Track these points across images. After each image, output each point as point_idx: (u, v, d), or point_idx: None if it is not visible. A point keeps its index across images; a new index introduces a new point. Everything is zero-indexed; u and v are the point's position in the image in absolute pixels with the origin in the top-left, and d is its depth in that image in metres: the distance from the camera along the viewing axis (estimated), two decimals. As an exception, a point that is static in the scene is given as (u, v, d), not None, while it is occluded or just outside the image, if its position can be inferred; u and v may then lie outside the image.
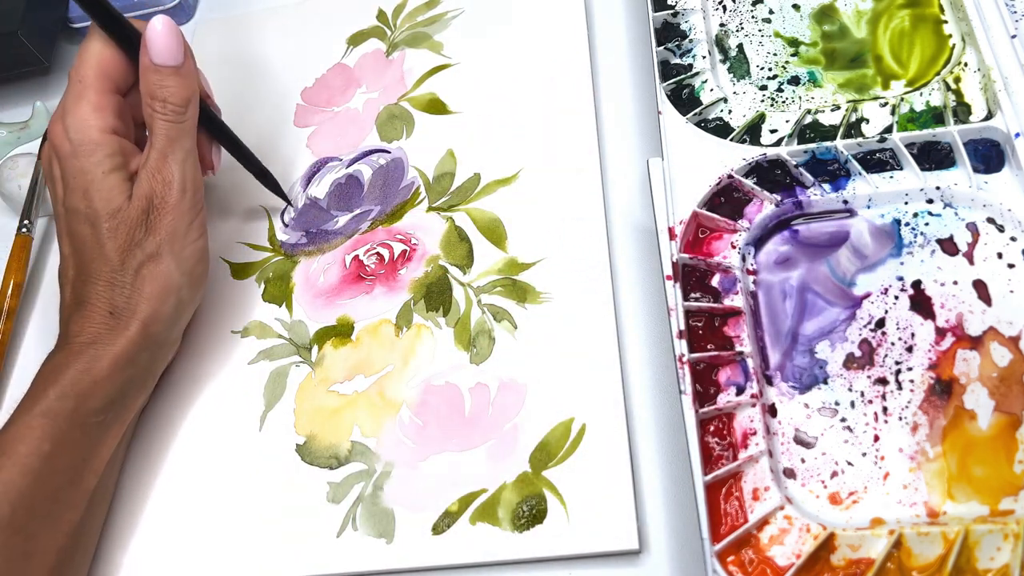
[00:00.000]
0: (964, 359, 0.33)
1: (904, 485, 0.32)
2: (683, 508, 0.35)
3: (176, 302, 0.39)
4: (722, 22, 0.44)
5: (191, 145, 0.39)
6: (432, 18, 0.52)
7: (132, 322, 0.38)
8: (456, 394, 0.39)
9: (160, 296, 0.38)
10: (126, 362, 0.38)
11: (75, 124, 0.38)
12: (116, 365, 0.37)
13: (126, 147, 0.39)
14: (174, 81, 0.38)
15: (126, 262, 0.38)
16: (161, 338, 0.39)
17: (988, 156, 0.36)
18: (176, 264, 0.39)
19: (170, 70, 0.38)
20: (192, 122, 0.39)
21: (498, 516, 0.36)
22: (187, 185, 0.39)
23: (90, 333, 0.37)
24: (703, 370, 0.35)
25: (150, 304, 0.38)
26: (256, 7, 0.56)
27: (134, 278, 0.38)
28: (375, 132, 0.48)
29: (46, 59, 0.54)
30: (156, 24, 0.38)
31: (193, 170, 0.39)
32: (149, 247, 0.38)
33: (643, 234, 0.42)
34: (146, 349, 0.38)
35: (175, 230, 0.39)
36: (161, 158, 0.38)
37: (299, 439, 0.40)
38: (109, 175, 0.38)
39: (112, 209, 0.38)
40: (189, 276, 0.40)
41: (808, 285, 0.36)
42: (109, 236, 0.38)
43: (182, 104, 0.39)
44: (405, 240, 0.44)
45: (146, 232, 0.38)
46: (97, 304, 0.38)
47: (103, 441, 0.38)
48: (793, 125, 0.39)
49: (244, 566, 0.38)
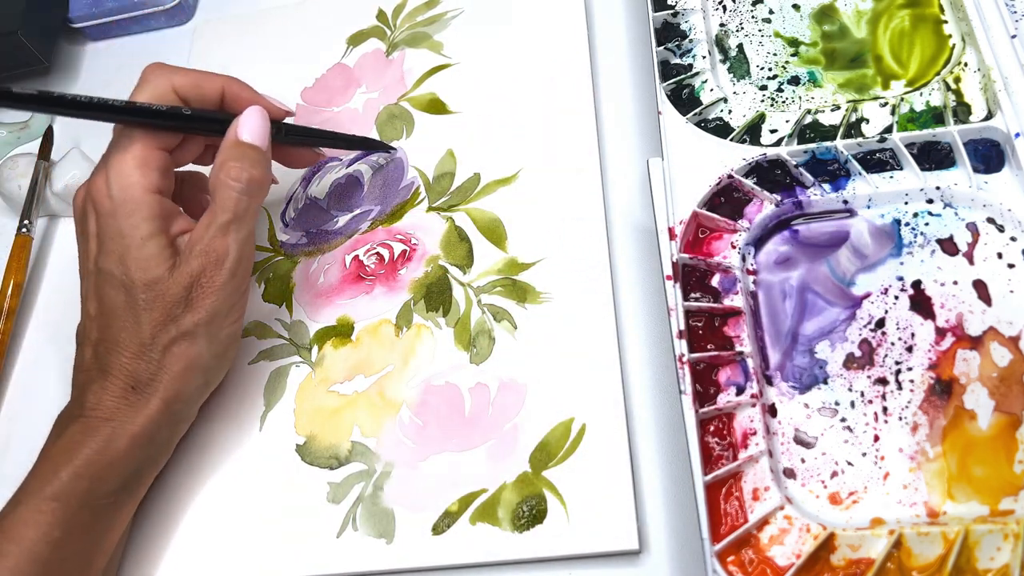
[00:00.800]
0: (964, 359, 0.33)
1: (904, 485, 0.32)
2: (683, 508, 0.35)
3: (202, 383, 0.38)
4: (722, 22, 0.44)
5: (252, 227, 0.38)
6: (432, 18, 0.52)
7: (153, 399, 0.36)
8: (456, 394, 0.39)
9: (187, 376, 0.37)
10: (146, 441, 0.36)
11: (118, 180, 0.36)
12: (134, 444, 0.35)
13: (168, 208, 0.37)
14: (257, 156, 0.37)
15: (157, 336, 0.36)
16: (182, 415, 0.38)
17: (988, 156, 0.36)
18: (209, 346, 0.37)
19: (255, 148, 0.37)
20: (258, 205, 0.38)
21: (498, 516, 0.36)
22: (239, 267, 0.37)
23: (108, 408, 0.35)
24: (703, 370, 0.35)
25: (175, 383, 0.36)
26: (256, 7, 0.56)
27: (163, 355, 0.36)
28: (375, 132, 0.48)
29: (46, 59, 0.54)
30: (252, 110, 0.38)
31: (248, 253, 0.38)
32: (185, 325, 0.36)
33: (643, 234, 0.42)
34: (166, 427, 0.37)
35: (216, 311, 0.36)
36: (220, 233, 0.36)
37: (299, 439, 0.40)
38: (148, 241, 0.36)
39: (149, 279, 0.36)
40: (220, 359, 0.38)
41: (808, 285, 0.36)
42: (144, 308, 0.36)
43: (259, 182, 0.37)
44: (405, 240, 0.44)
45: (185, 309, 0.36)
46: (119, 376, 0.36)
47: (115, 522, 0.36)
48: (793, 125, 0.39)
49: (244, 566, 0.38)
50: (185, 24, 0.58)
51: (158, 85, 0.38)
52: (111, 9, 0.56)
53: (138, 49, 0.58)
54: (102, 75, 0.57)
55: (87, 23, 0.57)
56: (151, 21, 0.57)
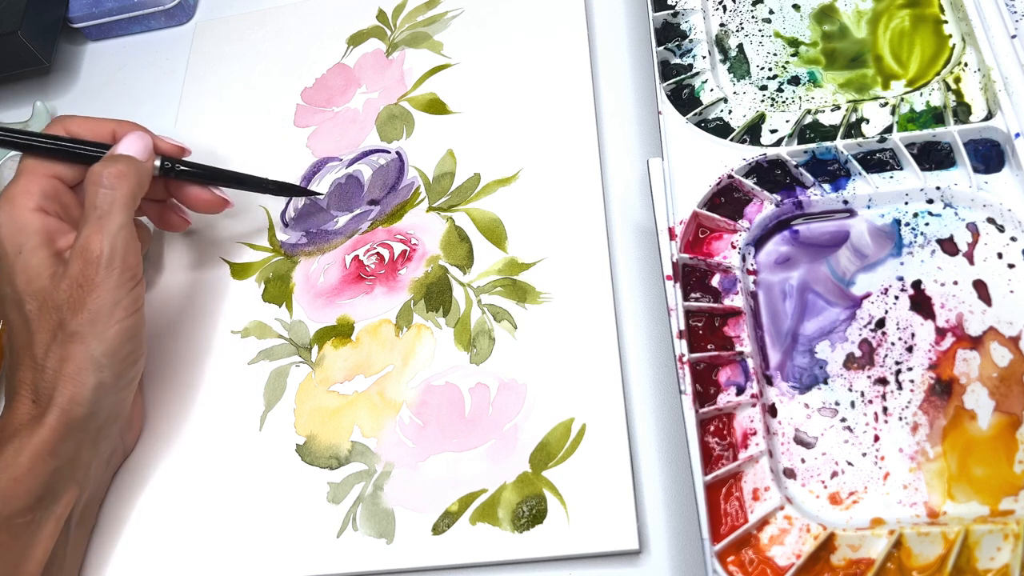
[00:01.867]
0: (964, 359, 0.33)
1: (904, 485, 0.32)
2: (683, 508, 0.35)
3: (96, 384, 0.36)
4: (722, 22, 0.44)
5: (124, 219, 0.38)
6: (432, 18, 0.52)
7: (51, 408, 0.35)
8: (456, 394, 0.39)
9: (79, 377, 0.36)
10: (47, 453, 0.35)
11: (3, 208, 0.37)
12: (37, 458, 0.35)
13: (52, 226, 0.38)
14: (126, 159, 0.39)
15: (49, 345, 0.36)
16: (84, 424, 0.36)
17: (988, 156, 0.36)
18: (99, 343, 0.36)
19: (127, 155, 0.39)
20: (126, 201, 0.38)
21: (498, 516, 0.36)
22: (116, 260, 0.37)
23: (12, 427, 0.35)
24: (703, 370, 0.35)
25: (68, 386, 0.35)
26: (256, 7, 0.56)
27: (54, 360, 0.36)
28: (375, 132, 0.48)
29: (46, 59, 0.54)
30: (132, 134, 0.40)
31: (124, 245, 0.37)
32: (71, 326, 0.36)
33: (643, 234, 0.42)
34: (69, 438, 0.36)
35: (99, 308, 0.36)
36: (93, 231, 0.37)
37: (299, 439, 0.40)
38: (30, 254, 0.37)
39: (34, 290, 0.36)
40: (112, 357, 0.37)
41: (808, 285, 0.36)
42: (34, 318, 0.36)
43: (121, 175, 0.38)
44: (405, 240, 0.44)
45: (69, 311, 0.36)
46: (22, 391, 0.36)
47: (35, 542, 0.35)
48: (793, 125, 0.39)
49: (244, 566, 0.38)
50: (185, 24, 0.58)
51: (52, 130, 0.40)
52: (111, 9, 0.56)
53: (138, 49, 0.58)
54: (102, 75, 0.57)
55: (87, 23, 0.57)
56: (151, 21, 0.58)
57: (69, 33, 0.59)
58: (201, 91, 0.53)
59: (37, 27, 0.53)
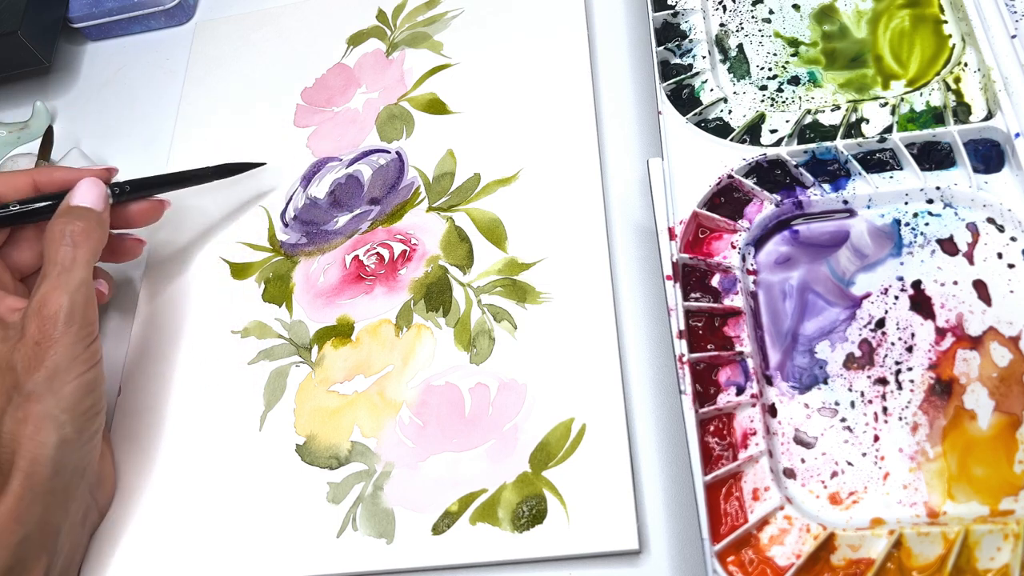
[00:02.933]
0: (964, 359, 0.33)
1: (904, 485, 0.32)
2: (683, 508, 0.35)
3: (58, 441, 0.35)
4: (722, 22, 0.44)
5: (86, 275, 0.37)
6: (432, 18, 0.52)
7: (14, 474, 0.34)
8: (456, 394, 0.39)
9: (38, 436, 0.34)
10: (13, 522, 0.33)
11: None
12: (3, 528, 0.33)
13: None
14: (85, 212, 0.38)
15: (5, 409, 0.35)
16: (49, 486, 0.35)
17: (988, 156, 0.36)
18: (56, 401, 0.35)
19: (85, 207, 0.38)
20: (87, 258, 0.37)
21: (498, 516, 0.36)
22: (76, 316, 0.36)
23: None
24: (703, 370, 0.35)
25: (29, 447, 0.34)
26: (256, 7, 0.56)
27: (11, 422, 0.34)
28: (375, 132, 0.48)
29: (46, 59, 0.54)
30: (84, 182, 0.39)
31: (85, 300, 0.37)
32: (27, 386, 0.35)
33: (643, 234, 0.42)
34: (35, 502, 0.34)
35: (56, 365, 0.35)
36: (51, 287, 0.36)
37: (299, 439, 0.40)
38: None
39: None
40: (72, 412, 0.35)
41: (808, 285, 0.36)
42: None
43: (84, 232, 0.37)
44: (405, 240, 0.44)
45: (24, 371, 0.35)
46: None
47: None
48: (793, 125, 0.39)
49: (244, 566, 0.38)
50: (185, 24, 0.58)
51: None
52: (111, 9, 0.56)
53: (138, 49, 0.58)
54: (102, 75, 0.57)
55: (87, 23, 0.57)
56: (151, 21, 0.58)
57: (69, 33, 0.59)
58: (201, 91, 0.53)
59: (37, 27, 0.53)
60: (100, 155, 0.53)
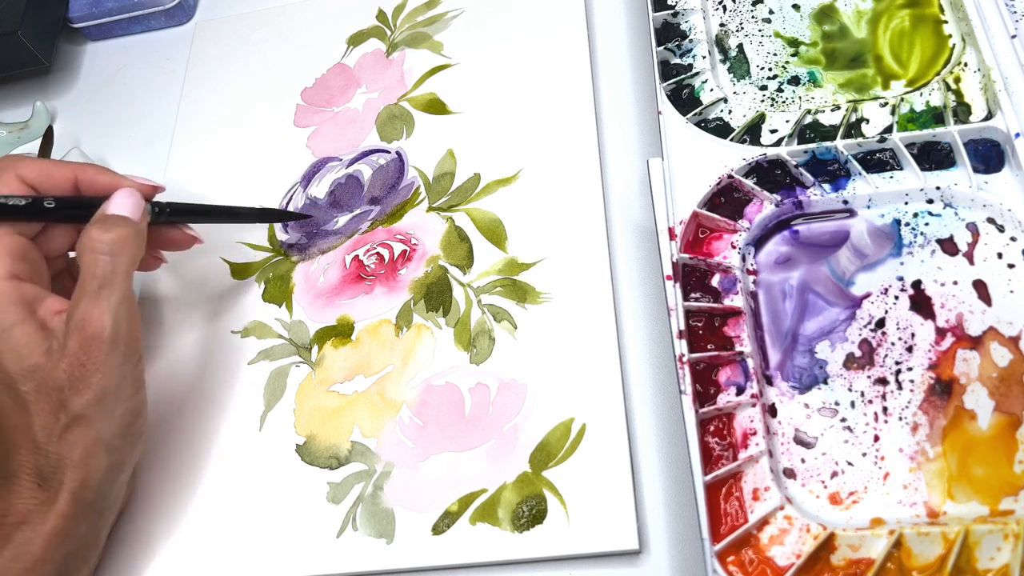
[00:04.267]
0: (964, 359, 0.33)
1: (904, 485, 0.32)
2: (683, 508, 0.35)
3: (109, 465, 0.35)
4: (722, 22, 0.44)
5: (127, 290, 0.35)
6: (432, 18, 0.52)
7: (61, 494, 0.33)
8: (456, 394, 0.39)
9: (89, 462, 0.34)
10: (62, 539, 0.33)
11: None
12: (50, 544, 0.33)
13: (30, 293, 0.35)
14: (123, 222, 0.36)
15: (49, 427, 0.33)
16: (98, 506, 0.35)
17: (988, 156, 0.36)
18: (107, 425, 0.34)
19: (123, 217, 0.36)
20: (127, 269, 0.35)
21: (498, 516, 0.36)
22: (120, 335, 0.34)
23: (19, 512, 0.33)
24: (703, 370, 0.35)
25: (79, 472, 0.33)
26: (256, 7, 0.56)
27: (59, 444, 0.33)
28: (375, 132, 0.48)
29: (46, 59, 0.54)
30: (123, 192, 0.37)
31: (128, 318, 0.35)
32: (74, 408, 0.33)
33: (643, 234, 0.42)
34: (83, 521, 0.34)
35: (105, 389, 0.34)
36: (92, 302, 0.34)
37: (299, 439, 0.40)
38: (13, 329, 0.33)
39: (27, 368, 0.33)
40: (123, 437, 0.35)
41: (808, 285, 0.36)
42: (32, 400, 0.33)
43: (123, 242, 0.35)
44: (405, 240, 0.44)
45: (71, 392, 0.33)
46: (22, 476, 0.33)
47: None
48: (793, 125, 0.39)
49: (244, 566, 0.38)
50: (185, 24, 0.58)
51: (4, 178, 0.36)
52: (111, 9, 0.56)
53: (138, 49, 0.58)
54: (102, 75, 0.57)
55: (87, 23, 0.57)
56: (151, 21, 0.58)
57: (69, 33, 0.59)
58: (201, 91, 0.53)
59: (37, 27, 0.53)
60: (100, 155, 0.53)
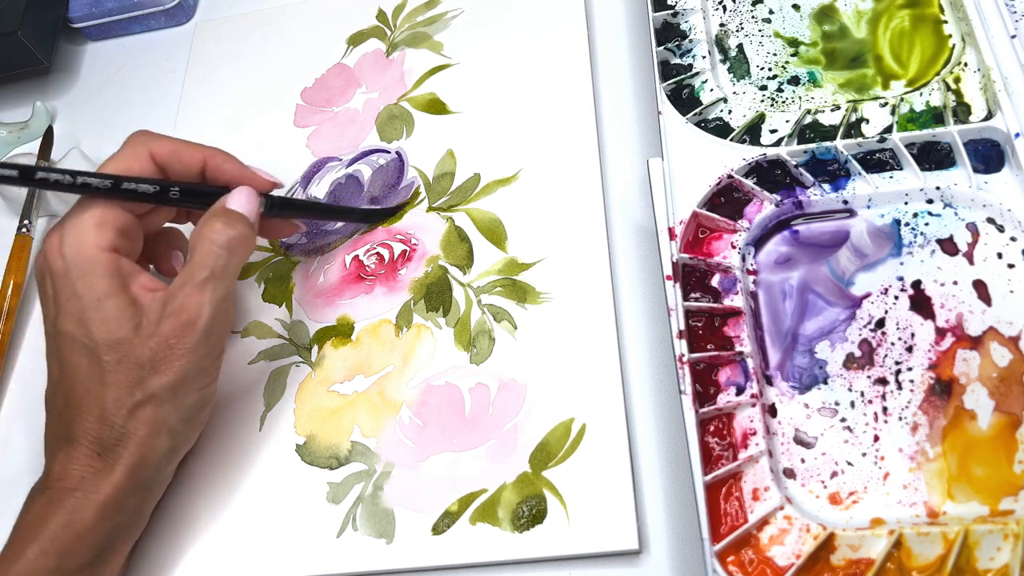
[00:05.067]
0: (964, 359, 0.33)
1: (904, 485, 0.32)
2: (683, 508, 0.35)
3: (169, 448, 0.36)
4: (722, 22, 0.44)
5: (231, 287, 0.36)
6: (432, 18, 0.52)
7: (119, 466, 0.34)
8: (456, 394, 0.39)
9: (152, 442, 0.35)
10: (113, 510, 0.34)
11: (71, 239, 0.34)
12: (101, 514, 0.34)
13: (126, 268, 0.35)
14: (242, 219, 0.36)
15: (122, 400, 0.34)
16: (149, 483, 0.36)
17: (988, 156, 0.36)
18: (176, 410, 0.35)
19: (241, 214, 0.36)
20: (238, 265, 0.36)
21: (498, 516, 0.36)
22: (213, 328, 0.35)
23: (74, 477, 0.34)
24: (703, 370, 0.35)
25: (140, 448, 0.34)
26: (256, 7, 0.56)
27: (127, 419, 0.34)
28: (375, 132, 0.48)
29: (46, 59, 0.54)
30: (242, 191, 0.37)
31: (225, 315, 0.36)
32: (151, 388, 0.34)
33: (643, 234, 0.42)
34: (134, 494, 0.35)
35: (185, 375, 0.34)
36: (196, 291, 0.34)
37: (299, 439, 0.40)
38: (106, 300, 0.34)
39: (114, 339, 0.34)
40: (188, 423, 0.36)
41: (808, 285, 0.36)
42: (109, 370, 0.34)
43: (241, 240, 0.36)
44: (405, 240, 0.44)
45: (152, 371, 0.34)
46: (84, 442, 0.34)
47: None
48: (793, 125, 0.39)
49: (244, 566, 0.38)
50: (185, 24, 0.58)
51: (137, 152, 0.37)
52: (111, 9, 0.56)
53: (138, 49, 0.58)
54: (102, 75, 0.57)
55: (87, 23, 0.57)
56: (151, 21, 0.58)
57: (69, 33, 0.59)
58: (201, 91, 0.53)
59: (37, 27, 0.53)
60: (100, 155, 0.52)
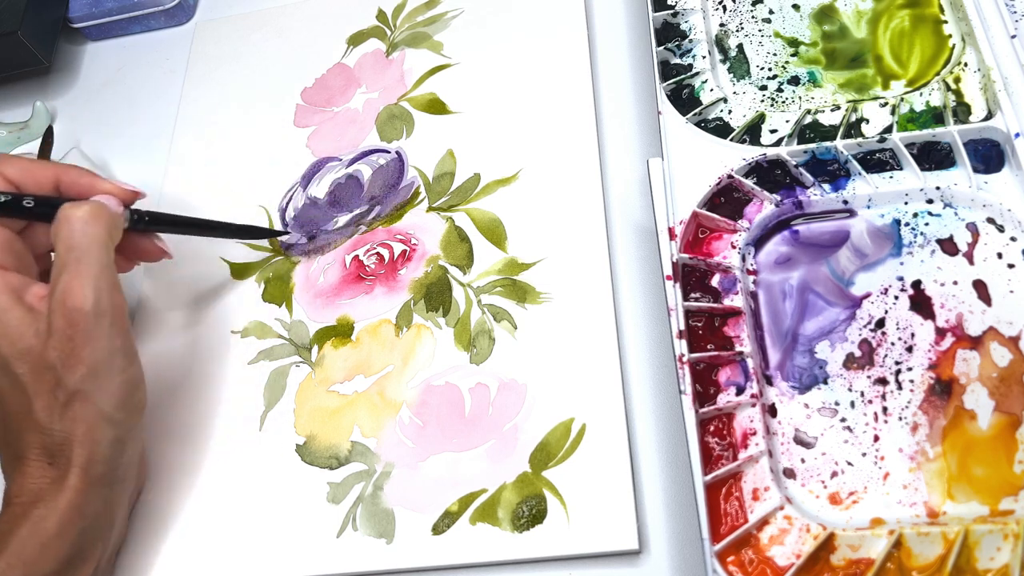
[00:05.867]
0: (964, 359, 0.33)
1: (904, 485, 0.32)
2: (683, 508, 0.35)
3: (113, 438, 0.35)
4: (722, 22, 0.44)
5: (106, 259, 0.35)
6: (432, 18, 0.52)
7: (72, 470, 0.34)
8: (456, 394, 0.39)
9: (94, 436, 0.34)
10: (76, 514, 0.34)
11: None
12: (64, 520, 0.33)
13: (15, 281, 0.35)
14: (88, 201, 0.36)
15: (50, 406, 0.34)
16: (108, 479, 0.35)
17: (988, 156, 0.36)
18: (105, 399, 0.34)
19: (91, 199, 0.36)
20: (104, 236, 0.35)
21: (498, 516, 0.36)
22: (103, 307, 0.34)
23: (31, 491, 0.34)
24: (703, 370, 0.35)
25: (85, 447, 0.34)
26: (256, 7, 0.56)
27: (62, 421, 0.34)
28: (375, 132, 0.48)
29: (46, 59, 0.54)
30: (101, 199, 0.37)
31: (109, 289, 0.34)
32: (70, 384, 0.33)
33: (643, 234, 0.42)
34: (95, 495, 0.35)
35: (96, 361, 0.34)
36: (71, 275, 0.34)
37: (299, 439, 0.40)
38: (6, 313, 0.34)
39: (21, 350, 0.34)
40: (124, 410, 0.35)
41: (808, 285, 0.36)
42: (29, 381, 0.34)
43: (96, 212, 0.35)
44: (405, 240, 0.44)
45: (64, 368, 0.33)
46: (31, 455, 0.34)
47: None
48: (793, 125, 0.39)
49: (244, 566, 0.38)
50: (185, 24, 0.58)
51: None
52: (111, 9, 0.56)
53: (138, 49, 0.58)
54: (102, 75, 0.57)
55: (87, 23, 0.57)
56: (151, 21, 0.58)
57: (69, 33, 0.59)
58: (201, 91, 0.53)
59: (37, 27, 0.53)
60: (100, 155, 0.53)
